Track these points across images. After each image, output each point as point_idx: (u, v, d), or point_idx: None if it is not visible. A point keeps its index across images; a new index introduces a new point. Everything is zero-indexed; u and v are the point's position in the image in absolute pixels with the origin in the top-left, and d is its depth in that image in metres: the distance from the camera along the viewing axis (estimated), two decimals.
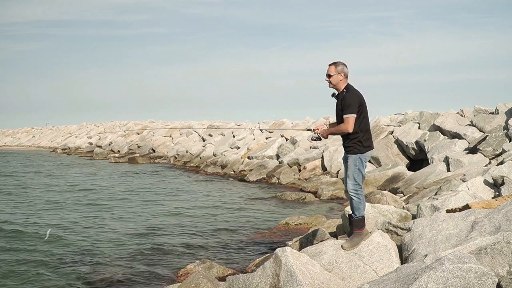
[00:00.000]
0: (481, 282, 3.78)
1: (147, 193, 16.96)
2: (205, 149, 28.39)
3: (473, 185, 8.53)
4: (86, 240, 9.72)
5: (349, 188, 5.45)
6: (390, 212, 7.10)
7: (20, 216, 12.46)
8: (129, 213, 12.93)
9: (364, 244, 5.40)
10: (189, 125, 37.31)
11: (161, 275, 7.43)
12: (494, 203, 6.03)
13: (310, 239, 7.40)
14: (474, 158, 12.75)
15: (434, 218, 5.57)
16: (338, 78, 5.41)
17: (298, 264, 4.87)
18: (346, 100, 5.35)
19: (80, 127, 59.20)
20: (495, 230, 4.79)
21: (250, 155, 23.08)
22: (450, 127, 15.66)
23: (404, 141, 16.59)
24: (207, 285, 5.49)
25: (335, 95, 5.54)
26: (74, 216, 12.50)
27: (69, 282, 7.18)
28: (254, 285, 4.95)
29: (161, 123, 44.20)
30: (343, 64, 5.45)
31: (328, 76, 5.44)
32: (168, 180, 21.32)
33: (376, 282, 4.34)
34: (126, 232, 10.41)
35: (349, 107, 5.30)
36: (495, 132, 13.57)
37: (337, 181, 15.97)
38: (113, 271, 7.65)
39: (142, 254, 8.64)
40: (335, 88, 5.50)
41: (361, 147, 5.41)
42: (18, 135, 69.45)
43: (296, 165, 19.42)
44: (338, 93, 5.51)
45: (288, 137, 23.63)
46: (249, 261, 7.98)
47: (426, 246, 5.08)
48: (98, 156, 38.16)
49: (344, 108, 5.34)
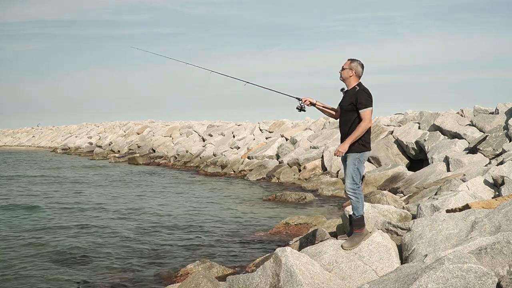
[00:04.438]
0: (481, 282, 3.78)
1: (146, 193, 16.96)
2: (205, 149, 28.39)
3: (473, 185, 8.53)
4: (86, 240, 9.71)
5: (347, 188, 5.47)
6: (390, 212, 7.10)
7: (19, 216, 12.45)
8: (128, 213, 12.92)
9: (364, 244, 5.40)
10: (189, 125, 37.30)
11: (161, 275, 7.42)
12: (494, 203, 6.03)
13: (310, 239, 7.40)
14: (474, 158, 12.76)
15: (434, 218, 5.57)
16: (349, 73, 5.49)
17: (298, 264, 4.87)
18: (362, 95, 5.38)
19: (80, 127, 59.18)
20: (495, 230, 4.79)
21: (250, 155, 23.08)
22: (450, 127, 15.66)
23: (404, 141, 16.59)
24: (207, 285, 5.48)
25: (344, 90, 5.60)
26: (73, 216, 12.49)
27: (68, 282, 7.18)
28: (254, 285, 4.95)
29: (161, 123, 44.17)
30: (359, 63, 5.52)
31: (342, 69, 5.55)
32: (168, 180, 21.32)
33: (376, 282, 4.34)
34: (125, 232, 10.41)
35: (366, 101, 5.35)
36: (495, 132, 13.58)
37: (337, 181, 15.98)
38: (113, 271, 7.65)
39: (142, 254, 8.64)
40: (344, 82, 5.57)
41: (361, 147, 5.42)
42: (18, 135, 69.46)
43: (296, 165, 19.42)
44: (347, 89, 5.56)
45: (288, 137, 23.63)
46: (249, 261, 7.98)
47: (426, 246, 5.07)
48: (98, 156, 38.19)
49: (361, 102, 5.34)
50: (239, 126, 30.68)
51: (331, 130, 21.55)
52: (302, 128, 24.90)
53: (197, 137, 32.82)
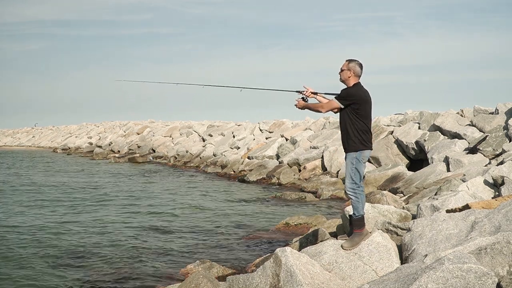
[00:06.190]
0: (481, 282, 3.79)
1: (146, 193, 16.96)
2: (205, 149, 28.40)
3: (473, 185, 8.53)
4: (85, 240, 9.71)
5: (346, 187, 5.48)
6: (390, 212, 7.10)
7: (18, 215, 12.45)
8: (128, 213, 12.92)
9: (364, 244, 5.40)
10: (189, 125, 37.32)
11: (161, 275, 7.42)
12: (494, 203, 6.03)
13: (310, 239, 7.41)
14: (474, 158, 12.75)
15: (434, 218, 5.57)
16: (347, 74, 5.50)
17: (298, 264, 4.87)
18: (344, 90, 5.51)
19: (80, 127, 59.20)
20: (495, 230, 4.79)
21: (250, 155, 23.08)
22: (450, 127, 15.65)
23: (404, 141, 16.59)
24: (207, 285, 5.48)
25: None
26: (73, 215, 12.49)
27: (68, 282, 7.17)
28: (254, 285, 4.95)
29: (161, 123, 44.22)
30: (357, 63, 5.53)
31: (341, 70, 5.57)
32: (167, 180, 21.32)
33: (376, 282, 4.34)
34: (125, 232, 10.41)
35: (341, 95, 5.46)
36: (495, 132, 13.58)
37: (337, 181, 15.97)
38: (113, 271, 7.64)
39: (141, 254, 8.63)
40: (344, 83, 5.59)
41: (357, 145, 5.41)
42: (18, 135, 69.46)
43: (296, 165, 19.41)
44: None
45: (288, 137, 23.63)
46: (249, 261, 7.98)
47: (426, 246, 5.08)
48: (98, 156, 38.20)
49: (339, 94, 5.48)
50: (239, 126, 30.68)
51: (331, 130, 21.55)
52: (302, 128, 24.90)
53: (197, 137, 32.83)
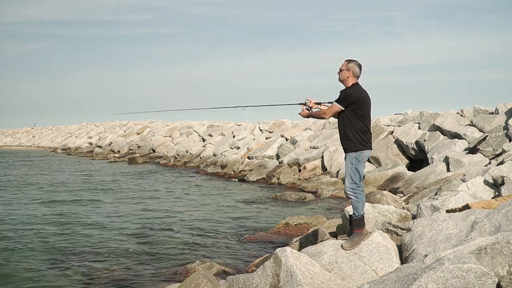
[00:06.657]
0: (481, 282, 3.78)
1: (146, 193, 16.96)
2: (205, 149, 28.39)
3: (473, 185, 8.53)
4: (85, 239, 9.71)
5: (346, 187, 5.48)
6: (390, 212, 7.10)
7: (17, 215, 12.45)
8: (128, 213, 12.92)
9: (364, 244, 5.40)
10: (189, 125, 37.32)
11: (161, 275, 7.42)
12: (494, 203, 6.03)
13: (310, 239, 7.41)
14: (474, 158, 12.75)
15: (434, 218, 5.57)
16: (346, 74, 5.50)
17: (298, 264, 4.87)
18: (342, 92, 5.50)
19: (80, 127, 59.19)
20: (495, 230, 4.79)
21: (250, 155, 23.08)
22: (450, 127, 15.66)
23: (404, 141, 16.59)
24: (207, 285, 5.48)
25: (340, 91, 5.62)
26: (73, 215, 12.49)
27: (68, 282, 7.17)
28: (254, 285, 4.95)
29: (161, 123, 44.20)
30: (356, 63, 5.52)
31: (340, 70, 5.57)
32: (167, 180, 21.32)
33: (376, 282, 4.34)
34: (125, 232, 10.41)
35: (340, 97, 5.46)
36: (495, 132, 13.58)
37: (337, 181, 15.98)
38: (113, 271, 7.64)
39: (141, 253, 8.64)
40: (342, 83, 5.59)
41: (356, 145, 5.41)
42: (18, 135, 69.45)
43: (296, 165, 19.41)
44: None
45: (288, 137, 23.63)
46: (249, 261, 7.98)
47: (426, 246, 5.07)
48: (98, 156, 38.22)
49: (338, 97, 5.48)
50: (239, 126, 30.68)
51: (331, 130, 21.54)
52: (302, 128, 24.90)
53: (197, 137, 32.83)
